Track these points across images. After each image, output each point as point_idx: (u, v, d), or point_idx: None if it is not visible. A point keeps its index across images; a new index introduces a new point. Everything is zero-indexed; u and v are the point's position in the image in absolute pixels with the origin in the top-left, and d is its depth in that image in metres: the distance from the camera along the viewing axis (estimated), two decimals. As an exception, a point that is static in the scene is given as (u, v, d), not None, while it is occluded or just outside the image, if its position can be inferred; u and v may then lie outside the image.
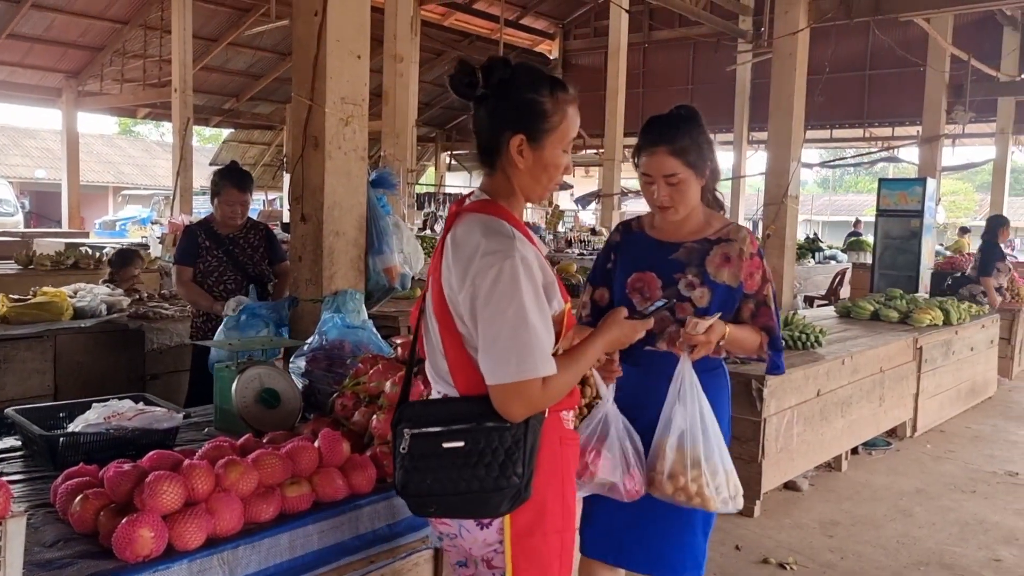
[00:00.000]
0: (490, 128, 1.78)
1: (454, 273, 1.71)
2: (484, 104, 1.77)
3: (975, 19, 14.88)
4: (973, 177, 33.49)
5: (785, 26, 7.57)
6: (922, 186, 9.62)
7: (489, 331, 1.66)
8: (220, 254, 4.12)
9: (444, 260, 1.75)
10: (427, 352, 1.87)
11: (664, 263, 2.34)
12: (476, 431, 1.69)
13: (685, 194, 2.31)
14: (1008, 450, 6.02)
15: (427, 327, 1.86)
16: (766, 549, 4.04)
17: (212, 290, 4.10)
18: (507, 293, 1.65)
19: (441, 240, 1.81)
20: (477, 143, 1.83)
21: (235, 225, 4.20)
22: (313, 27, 3.50)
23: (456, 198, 15.43)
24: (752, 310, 2.34)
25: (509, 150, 1.76)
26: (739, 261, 2.31)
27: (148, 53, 15.26)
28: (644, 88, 18.91)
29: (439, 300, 1.77)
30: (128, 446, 2.33)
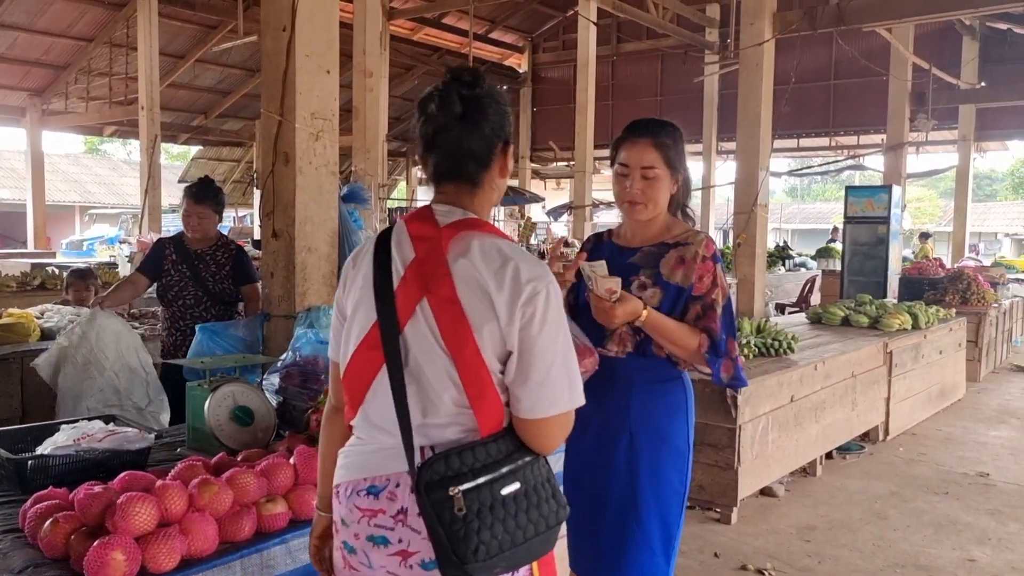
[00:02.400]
0: (486, 138, 1.64)
1: (498, 303, 1.53)
2: (478, 113, 1.63)
3: (935, 29, 15.18)
4: (937, 184, 34.08)
5: (751, 37, 7.68)
6: (888, 193, 9.78)
7: (543, 362, 1.54)
8: (184, 269, 4.08)
9: (466, 300, 1.54)
10: (419, 398, 1.57)
11: (621, 267, 2.36)
12: (522, 468, 1.56)
13: (657, 193, 2.34)
14: (978, 451, 6.11)
15: (420, 368, 1.57)
16: (744, 556, 4.06)
17: (172, 304, 4.09)
18: (556, 320, 1.57)
19: (432, 266, 1.58)
20: (461, 154, 1.64)
21: (202, 240, 4.14)
22: (282, 42, 3.50)
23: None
24: (698, 312, 2.30)
25: (502, 159, 1.69)
26: (692, 263, 2.31)
27: (114, 71, 15.09)
28: (614, 100, 19.05)
29: (462, 336, 1.54)
30: (98, 468, 2.28)
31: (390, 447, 1.58)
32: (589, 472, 2.37)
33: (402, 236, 1.64)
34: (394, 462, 1.57)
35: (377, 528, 1.56)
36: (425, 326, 1.56)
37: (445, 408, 1.56)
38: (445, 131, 1.62)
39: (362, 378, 1.62)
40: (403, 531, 1.54)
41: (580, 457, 2.39)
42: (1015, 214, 33.98)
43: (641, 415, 2.32)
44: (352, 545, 1.60)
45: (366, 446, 1.63)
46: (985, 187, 40.57)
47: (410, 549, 1.54)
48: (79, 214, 28.59)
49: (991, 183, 43.04)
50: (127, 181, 27.84)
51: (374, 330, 1.59)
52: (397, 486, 1.56)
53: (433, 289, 1.56)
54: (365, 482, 1.59)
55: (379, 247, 1.65)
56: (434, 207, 1.66)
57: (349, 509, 1.60)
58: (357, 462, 1.63)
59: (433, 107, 1.62)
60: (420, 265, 1.59)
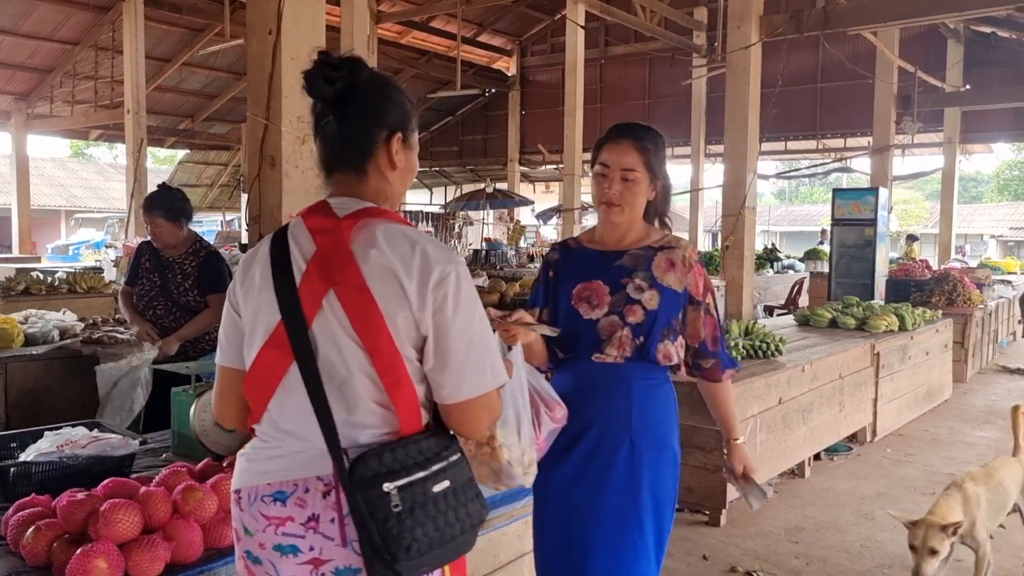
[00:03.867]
0: (361, 126, 1.61)
1: (409, 289, 1.51)
2: (352, 100, 1.59)
3: (920, 32, 15.29)
4: (923, 186, 34.34)
5: (738, 41, 7.71)
6: (874, 195, 9.81)
7: (460, 344, 1.53)
8: (155, 277, 4.02)
9: (375, 286, 1.51)
10: (333, 395, 1.52)
11: (610, 270, 2.35)
12: (451, 467, 1.54)
13: (635, 196, 2.33)
14: (965, 452, 6.14)
15: (331, 363, 1.53)
16: (733, 558, 4.06)
17: (144, 313, 4.05)
18: (471, 300, 1.55)
19: (336, 257, 1.54)
20: (338, 142, 1.61)
21: (172, 247, 4.01)
22: (267, 45, 3.48)
23: (415, 214, 15.19)
24: (702, 318, 2.37)
25: (387, 150, 1.63)
26: (683, 267, 2.34)
27: (100, 74, 15.01)
28: (602, 103, 19.09)
29: (374, 325, 1.50)
30: (82, 475, 2.26)
31: (299, 450, 1.52)
32: (580, 486, 2.31)
33: (300, 231, 1.60)
34: (303, 466, 1.51)
35: (285, 537, 1.50)
36: (334, 318, 1.52)
37: (362, 404, 1.52)
38: (321, 117, 1.61)
39: (267, 380, 1.56)
40: (315, 539, 1.48)
41: (568, 472, 2.33)
42: (1000, 216, 34.25)
43: (641, 421, 2.30)
44: (257, 555, 1.53)
45: (272, 449, 1.56)
46: (971, 189, 40.89)
47: (322, 557, 1.49)
48: (65, 218, 28.44)
49: (976, 185, 43.39)
50: (113, 185, 27.71)
51: (279, 329, 1.54)
52: (307, 491, 1.49)
53: (339, 280, 1.52)
54: (270, 488, 1.52)
55: (275, 246, 1.60)
56: (329, 200, 1.63)
57: (253, 517, 1.53)
58: (261, 467, 1.55)
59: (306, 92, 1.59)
60: (323, 258, 1.55)
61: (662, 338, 2.31)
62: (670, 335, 2.33)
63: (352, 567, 1.49)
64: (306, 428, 1.52)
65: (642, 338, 2.29)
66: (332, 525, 1.48)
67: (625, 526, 2.30)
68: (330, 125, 1.60)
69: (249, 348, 1.60)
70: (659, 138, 2.39)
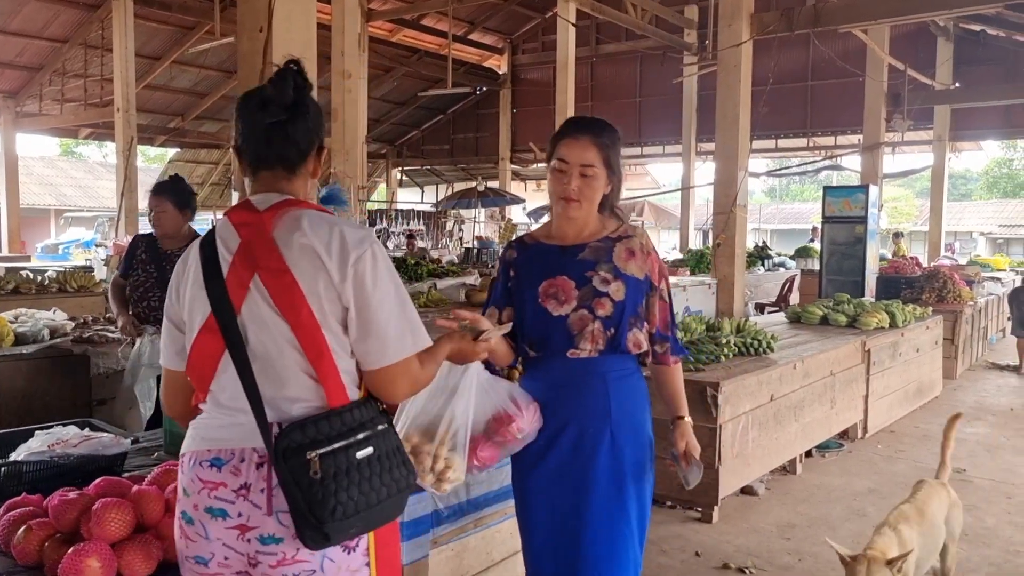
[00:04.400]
0: (309, 131, 1.76)
1: (330, 267, 1.63)
2: (304, 108, 1.75)
3: (910, 30, 15.36)
4: (913, 183, 34.46)
5: (729, 39, 7.72)
6: (865, 193, 9.85)
7: (382, 312, 1.66)
8: (151, 269, 4.03)
9: (296, 265, 1.63)
10: (266, 373, 1.63)
11: (573, 265, 2.35)
12: (376, 436, 1.66)
13: (594, 192, 2.34)
14: (956, 448, 6.08)
15: (261, 343, 1.64)
16: (725, 554, 4.07)
17: (138, 304, 4.04)
18: (388, 271, 1.69)
19: (258, 245, 1.66)
20: (283, 142, 1.74)
21: (173, 239, 4.04)
22: (258, 43, 3.48)
23: (407, 213, 15.13)
24: (660, 304, 2.41)
25: (316, 158, 1.80)
26: (642, 254, 2.37)
27: (89, 72, 14.93)
28: (593, 101, 19.11)
29: (295, 301, 1.63)
30: (73, 474, 2.25)
31: (239, 423, 1.63)
32: (564, 483, 2.32)
33: (225, 229, 1.73)
34: (242, 438, 1.63)
35: (217, 500, 1.61)
36: (260, 300, 1.65)
37: (292, 380, 1.64)
38: (273, 117, 1.71)
39: (206, 363, 1.68)
40: (244, 505, 1.60)
41: (551, 470, 2.34)
42: (989, 213, 34.41)
43: (620, 413, 2.33)
44: (190, 515, 1.64)
45: (214, 420, 1.68)
46: (960, 187, 41.07)
47: (249, 524, 1.60)
48: (54, 217, 28.28)
49: (966, 183, 43.57)
50: (103, 184, 27.57)
51: (210, 319, 1.66)
52: (242, 461, 1.61)
53: (262, 264, 1.65)
54: (209, 454, 1.63)
55: (203, 247, 1.72)
56: (250, 199, 1.75)
57: (191, 479, 1.64)
58: (204, 434, 1.67)
59: (267, 92, 1.71)
60: (246, 247, 1.67)
61: (630, 327, 2.34)
62: (637, 323, 2.36)
63: (275, 535, 1.60)
64: (242, 405, 1.63)
65: (613, 329, 2.31)
66: (261, 495, 1.59)
67: (612, 517, 2.32)
68: (280, 126, 1.72)
69: (188, 342, 1.72)
70: (615, 134, 2.41)
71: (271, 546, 1.59)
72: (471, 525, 2.62)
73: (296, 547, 1.60)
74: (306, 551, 1.60)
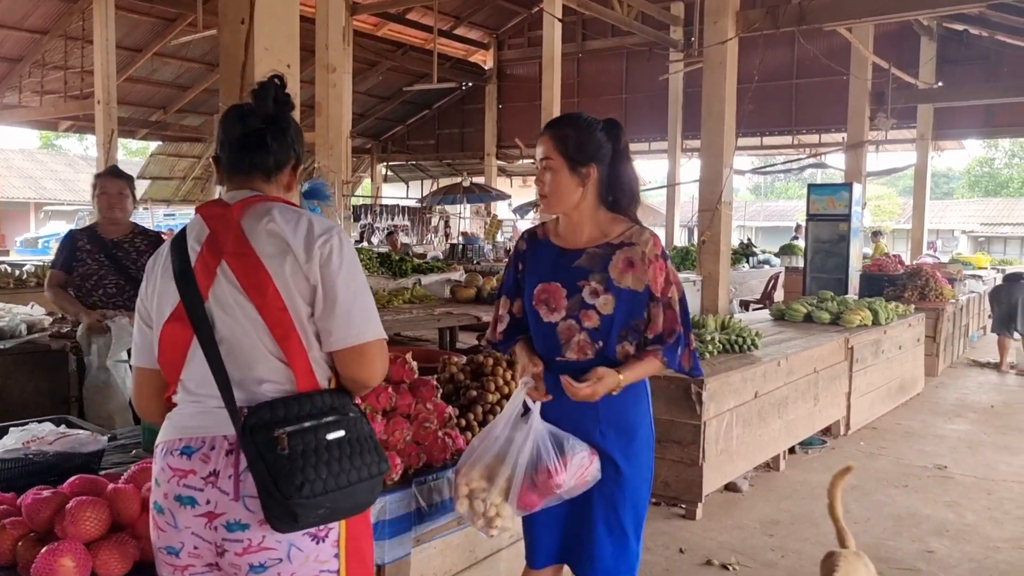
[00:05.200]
0: (287, 143, 1.82)
1: (296, 249, 1.68)
2: (283, 121, 1.81)
3: (894, 29, 15.42)
4: (896, 182, 34.68)
5: (715, 36, 7.73)
6: (848, 191, 9.90)
7: (348, 294, 1.69)
8: (102, 258, 3.99)
9: (262, 249, 1.67)
10: (233, 356, 1.66)
11: (567, 271, 2.33)
12: (347, 420, 1.67)
13: (557, 186, 2.32)
14: (937, 445, 6.21)
15: (228, 326, 1.67)
16: (709, 551, 4.08)
17: (91, 294, 3.99)
18: (353, 259, 1.73)
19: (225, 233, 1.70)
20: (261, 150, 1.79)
21: (118, 224, 4.04)
22: (240, 35, 3.43)
23: (391, 208, 15.08)
24: (662, 314, 2.31)
25: (292, 172, 1.86)
26: (642, 265, 2.28)
27: (69, 64, 14.75)
28: (579, 98, 19.08)
29: (261, 282, 1.66)
30: (49, 472, 2.21)
31: (208, 410, 1.66)
32: None
33: (195, 222, 1.78)
34: (212, 426, 1.64)
35: (186, 488, 1.62)
36: (227, 283, 1.68)
37: (260, 361, 1.66)
38: (251, 127, 1.78)
39: (174, 351, 1.70)
40: (212, 492, 1.61)
41: None
42: (971, 212, 34.71)
43: (609, 414, 2.32)
44: (161, 505, 1.65)
45: (185, 410, 1.70)
46: (942, 185, 41.40)
47: (217, 511, 1.60)
48: (34, 211, 27.97)
49: (948, 181, 43.94)
50: (84, 177, 27.24)
51: (179, 308, 1.69)
52: (212, 448, 1.63)
53: (228, 250, 1.69)
54: (180, 442, 1.65)
55: (174, 243, 1.76)
56: (223, 196, 1.81)
57: (162, 468, 1.66)
58: (176, 423, 1.69)
59: (248, 104, 1.79)
60: (214, 237, 1.72)
61: (620, 339, 2.31)
62: (630, 335, 2.32)
63: (241, 521, 1.60)
64: (212, 391, 1.66)
65: (601, 342, 2.30)
66: (228, 481, 1.60)
67: (604, 510, 2.34)
68: (258, 135, 1.78)
69: (156, 334, 1.74)
70: (582, 122, 2.34)
71: (237, 532, 1.60)
72: (454, 523, 2.60)
73: (263, 534, 1.59)
74: (272, 538, 1.59)
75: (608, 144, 2.34)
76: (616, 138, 2.35)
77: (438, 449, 2.55)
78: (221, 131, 1.82)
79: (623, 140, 2.38)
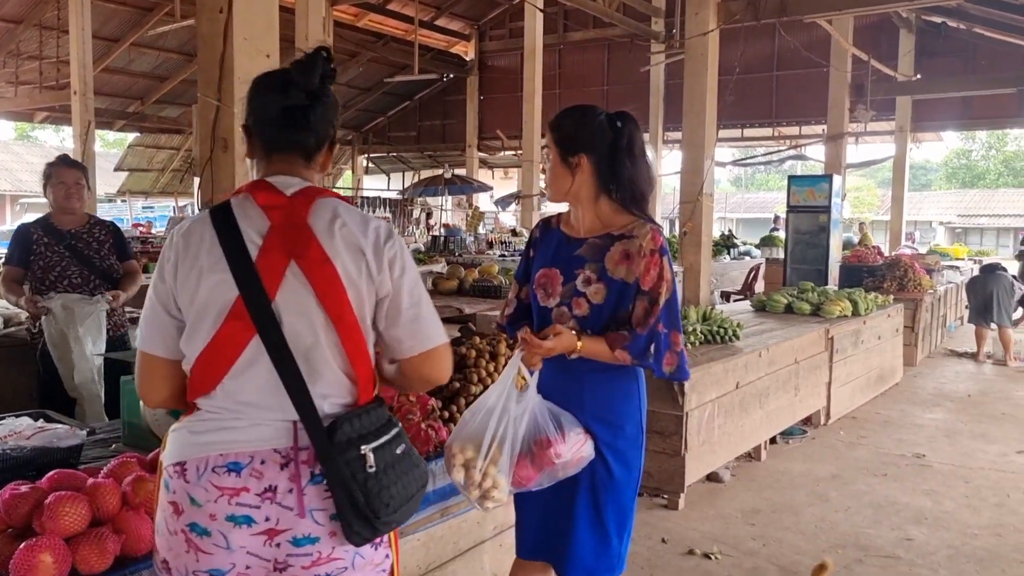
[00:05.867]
0: (327, 121, 1.71)
1: (368, 260, 1.61)
2: (325, 98, 1.68)
3: (874, 21, 15.52)
4: (875, 173, 35.00)
5: (696, 27, 7.72)
6: (828, 182, 9.95)
7: (414, 299, 1.66)
8: (61, 249, 3.91)
9: (337, 256, 1.58)
10: (301, 365, 1.57)
11: (568, 259, 2.35)
12: (401, 433, 1.66)
13: (553, 175, 2.36)
14: (915, 434, 6.27)
15: (296, 333, 1.57)
16: (691, 540, 4.10)
17: (55, 286, 3.89)
18: (411, 260, 1.69)
19: (293, 231, 1.59)
20: (304, 127, 1.67)
21: (74, 214, 3.98)
22: (219, 24, 3.39)
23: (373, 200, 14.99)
24: (645, 307, 2.26)
25: (329, 151, 1.75)
26: (638, 257, 2.27)
27: (44, 54, 14.54)
28: (560, 89, 19.05)
29: (337, 294, 1.58)
30: (27, 467, 2.18)
31: (257, 423, 1.56)
32: None
33: (249, 208, 1.63)
34: (259, 439, 1.55)
35: (239, 507, 1.52)
36: (299, 287, 1.58)
37: (326, 373, 1.59)
38: (293, 101, 1.64)
39: (224, 355, 1.57)
40: (271, 509, 1.52)
41: None
42: (948, 203, 35.08)
43: (594, 405, 2.32)
44: (204, 527, 1.53)
45: (222, 422, 1.57)
46: (920, 177, 41.75)
47: (279, 527, 1.53)
48: (9, 203, 27.64)
49: (926, 173, 44.33)
50: (61, 169, 26.93)
51: (238, 305, 1.56)
52: (263, 463, 1.53)
53: (298, 252, 1.58)
54: (223, 458, 1.53)
55: (219, 225, 1.61)
56: (269, 179, 1.67)
57: (203, 488, 1.53)
58: (209, 439, 1.56)
59: (291, 74, 1.65)
60: (280, 231, 1.60)
61: (607, 331, 2.30)
62: (616, 327, 2.30)
63: (311, 536, 1.54)
64: (267, 400, 1.56)
65: (589, 331, 2.30)
66: (290, 496, 1.53)
67: (585, 504, 2.34)
68: (300, 111, 1.65)
69: (196, 331, 1.59)
70: (578, 112, 2.37)
71: (306, 547, 1.54)
72: (437, 515, 2.60)
73: (332, 545, 1.56)
74: (341, 549, 1.57)
75: (609, 135, 2.32)
76: (620, 130, 2.33)
77: (421, 441, 2.54)
78: (253, 99, 1.69)
79: (629, 132, 2.35)
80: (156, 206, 23.90)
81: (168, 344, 1.63)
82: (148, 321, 1.66)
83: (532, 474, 2.20)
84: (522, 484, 2.22)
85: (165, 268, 1.63)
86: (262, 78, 1.72)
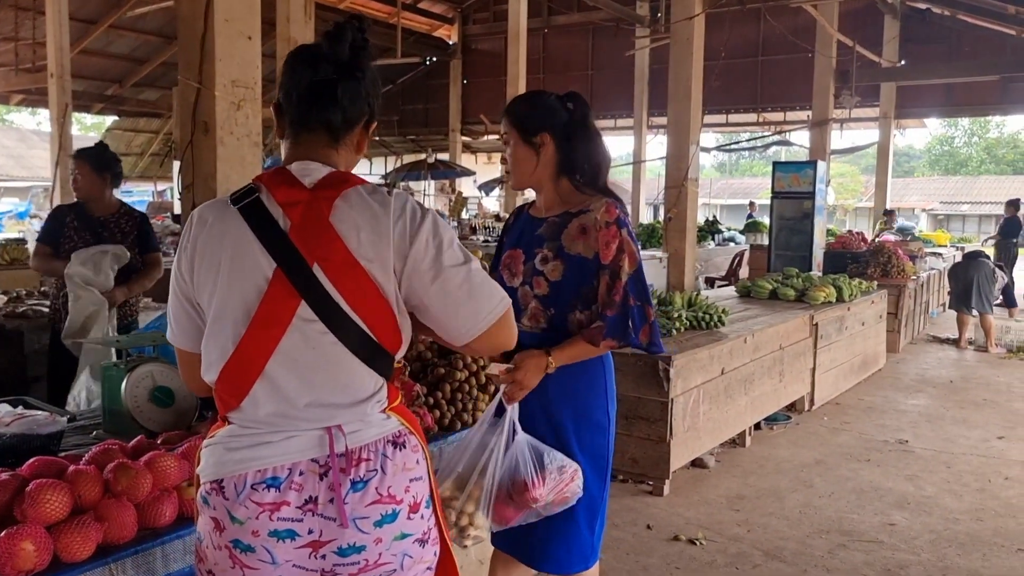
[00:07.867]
0: (360, 97, 1.59)
1: (395, 236, 1.50)
2: (357, 73, 1.58)
3: (859, 7, 15.54)
4: (859, 160, 35.12)
5: (681, 11, 7.70)
6: (813, 168, 9.97)
7: (462, 280, 1.54)
8: (87, 236, 3.93)
9: (358, 245, 1.50)
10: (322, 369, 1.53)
11: (530, 239, 2.36)
12: None
13: (514, 157, 2.35)
14: (898, 419, 6.32)
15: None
16: (676, 527, 4.11)
17: None
18: (452, 239, 1.57)
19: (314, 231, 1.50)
20: (331, 103, 1.56)
21: (104, 207, 4.02)
22: (199, 6, 3.34)
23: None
24: (607, 282, 2.24)
25: (363, 131, 1.64)
26: (594, 231, 2.25)
27: (20, 36, 14.30)
28: (544, 73, 19.01)
29: (371, 299, 1.51)
30: (7, 454, 2.14)
31: (290, 435, 1.51)
32: None
33: (270, 204, 1.54)
34: (295, 451, 1.50)
35: (281, 522, 1.48)
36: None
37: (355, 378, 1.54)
38: (321, 75, 1.55)
39: (253, 362, 1.51)
40: (314, 521, 1.49)
41: None
42: (932, 190, 35.31)
43: (559, 392, 2.29)
44: (248, 543, 1.50)
45: (256, 437, 1.52)
46: (903, 163, 42.05)
47: (323, 539, 1.49)
48: (-15, 186, 27.23)
49: (909, 160, 44.63)
50: (36, 153, 26.48)
51: (269, 305, 1.49)
52: (300, 474, 1.49)
53: (323, 255, 1.49)
54: (261, 474, 1.49)
55: (249, 216, 1.52)
56: (290, 168, 1.57)
57: (243, 505, 1.49)
58: (244, 455, 1.51)
59: (321, 47, 1.56)
60: (300, 232, 1.50)
61: (571, 308, 2.29)
62: (579, 304, 2.29)
63: (356, 544, 1.50)
64: (295, 408, 1.51)
65: (552, 309, 2.29)
66: (331, 506, 1.49)
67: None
68: (328, 85, 1.55)
69: (220, 329, 1.53)
70: (531, 95, 2.42)
71: (352, 556, 1.51)
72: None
73: (379, 551, 1.53)
74: (388, 553, 1.54)
75: (562, 112, 2.33)
76: (571, 108, 2.34)
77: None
78: (286, 76, 1.59)
79: (580, 111, 2.36)
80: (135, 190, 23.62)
81: (196, 339, 1.60)
82: (174, 319, 1.63)
83: (512, 514, 2.19)
84: (503, 522, 2.20)
85: (179, 271, 1.59)
86: (295, 52, 1.62)
